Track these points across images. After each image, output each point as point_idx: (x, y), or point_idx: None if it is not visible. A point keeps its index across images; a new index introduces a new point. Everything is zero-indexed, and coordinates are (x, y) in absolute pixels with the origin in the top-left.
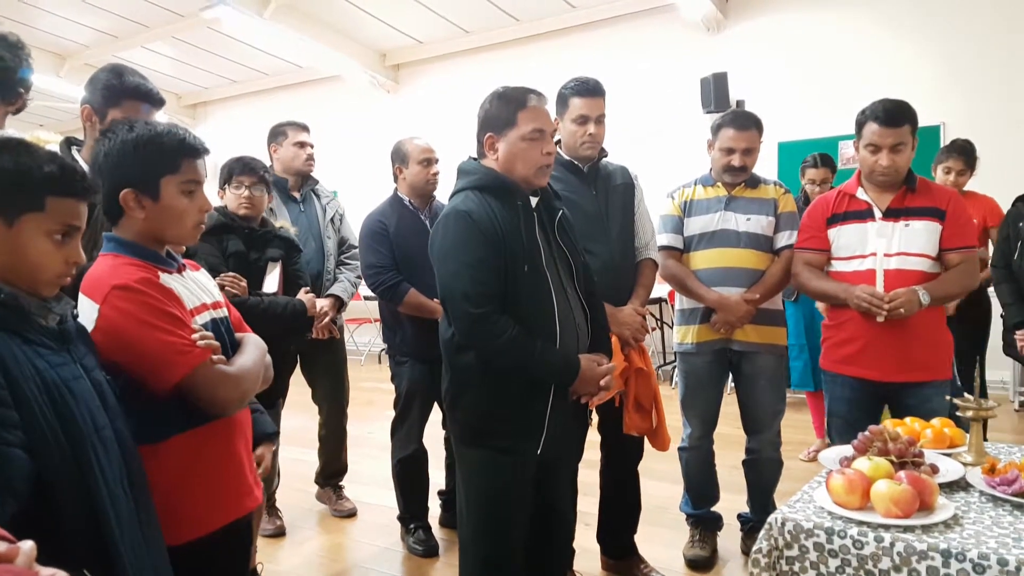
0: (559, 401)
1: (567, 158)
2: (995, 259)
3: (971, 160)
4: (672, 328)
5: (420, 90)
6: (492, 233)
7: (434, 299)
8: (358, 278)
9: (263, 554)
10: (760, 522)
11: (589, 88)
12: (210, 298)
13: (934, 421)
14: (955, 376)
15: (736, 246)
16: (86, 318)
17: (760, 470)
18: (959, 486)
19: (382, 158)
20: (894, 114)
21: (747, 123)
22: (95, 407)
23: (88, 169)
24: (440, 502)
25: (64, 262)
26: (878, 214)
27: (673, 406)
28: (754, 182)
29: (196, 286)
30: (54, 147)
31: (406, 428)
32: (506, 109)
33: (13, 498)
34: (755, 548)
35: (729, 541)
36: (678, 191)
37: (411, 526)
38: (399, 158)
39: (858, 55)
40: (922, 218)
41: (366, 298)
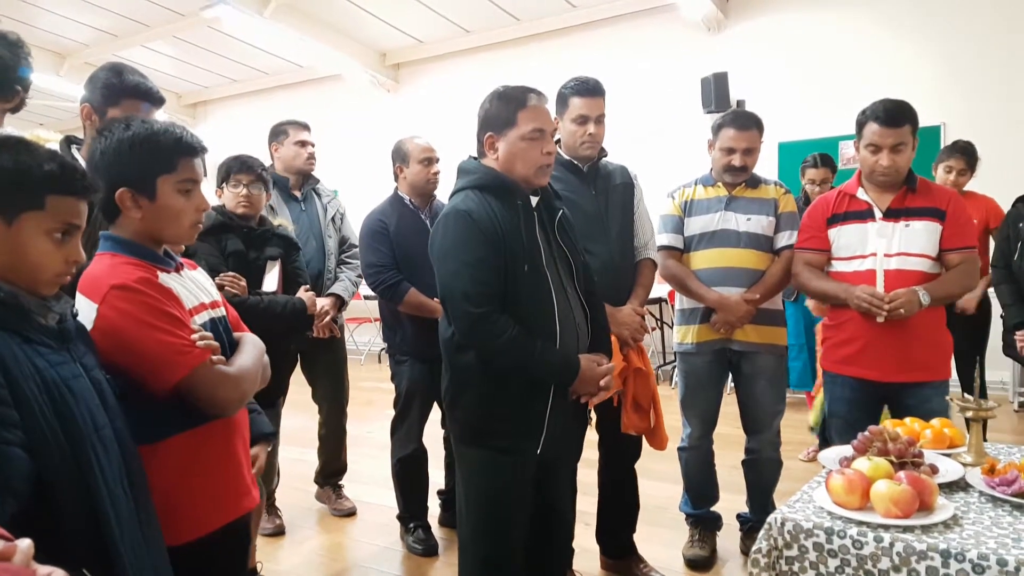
0: (559, 401)
1: (567, 158)
2: (995, 259)
3: (972, 161)
4: (672, 328)
5: (420, 89)
6: (492, 232)
7: (434, 298)
8: (359, 277)
9: (263, 553)
10: (760, 522)
11: (589, 88)
12: (208, 298)
13: (934, 421)
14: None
15: (736, 246)
16: (84, 318)
17: (760, 470)
18: (959, 486)
19: (382, 157)
20: (895, 114)
21: (748, 123)
22: (95, 406)
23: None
24: (440, 501)
25: (64, 261)
26: (878, 214)
27: (673, 406)
28: (754, 182)
29: (194, 285)
30: (54, 146)
31: (406, 427)
32: (506, 109)
33: (13, 498)
34: (755, 548)
35: (728, 541)
36: (678, 191)
37: (411, 525)
38: (399, 157)
39: (858, 55)
40: (922, 218)
41: (366, 297)
